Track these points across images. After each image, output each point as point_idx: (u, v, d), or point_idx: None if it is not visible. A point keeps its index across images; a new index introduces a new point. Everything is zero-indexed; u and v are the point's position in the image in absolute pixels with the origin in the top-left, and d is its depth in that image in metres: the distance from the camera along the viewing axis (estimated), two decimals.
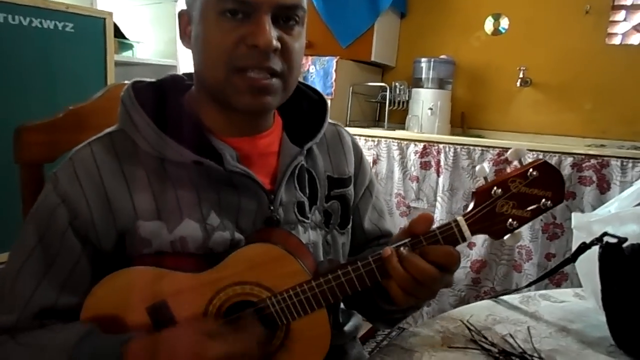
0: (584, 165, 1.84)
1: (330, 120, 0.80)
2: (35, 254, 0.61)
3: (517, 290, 0.89)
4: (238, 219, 0.66)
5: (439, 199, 2.08)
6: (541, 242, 1.91)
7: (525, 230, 1.95)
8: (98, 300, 0.61)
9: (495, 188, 0.57)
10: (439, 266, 0.56)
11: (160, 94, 0.67)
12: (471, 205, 0.58)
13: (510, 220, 0.57)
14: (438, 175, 2.09)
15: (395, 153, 2.16)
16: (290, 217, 0.69)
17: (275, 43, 0.59)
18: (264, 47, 0.58)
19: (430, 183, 2.11)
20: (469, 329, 0.72)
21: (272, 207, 0.67)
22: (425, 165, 2.12)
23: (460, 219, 0.57)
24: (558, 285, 1.86)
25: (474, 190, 0.58)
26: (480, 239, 2.00)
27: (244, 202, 0.66)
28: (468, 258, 2.04)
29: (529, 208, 0.57)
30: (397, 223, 2.15)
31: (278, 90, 0.63)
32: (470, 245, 2.04)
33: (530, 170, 0.56)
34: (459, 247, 0.59)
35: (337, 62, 2.34)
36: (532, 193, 0.57)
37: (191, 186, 0.64)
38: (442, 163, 2.06)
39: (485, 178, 0.58)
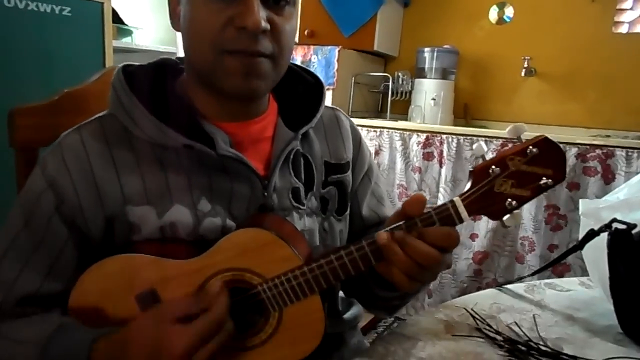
0: (588, 155, 1.82)
1: (328, 105, 0.78)
2: (20, 239, 0.60)
3: (521, 278, 0.87)
4: (231, 205, 0.64)
5: (441, 190, 2.06)
6: (544, 233, 1.89)
7: (528, 221, 1.94)
8: (86, 289, 0.60)
9: (493, 166, 0.54)
10: (439, 248, 0.54)
11: (151, 78, 0.66)
12: (468, 185, 0.55)
13: (509, 199, 0.55)
14: (441, 166, 2.07)
15: (398, 144, 2.14)
16: (284, 203, 0.67)
17: (264, 24, 0.57)
18: (252, 28, 0.57)
19: (433, 174, 2.09)
20: (473, 317, 0.71)
21: (266, 193, 0.65)
22: (427, 156, 2.10)
23: (456, 199, 0.55)
24: (561, 276, 1.84)
25: (470, 169, 0.56)
26: (482, 230, 1.99)
27: (236, 188, 0.64)
28: (470, 249, 2.03)
29: (529, 186, 0.54)
30: None
31: (268, 72, 0.61)
32: (473, 237, 2.02)
33: (530, 147, 0.53)
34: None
35: (339, 51, 2.31)
36: (531, 171, 0.54)
37: (182, 171, 0.62)
38: (444, 154, 2.04)
39: (482, 157, 0.56)
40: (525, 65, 2.28)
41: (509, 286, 0.84)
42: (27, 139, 0.81)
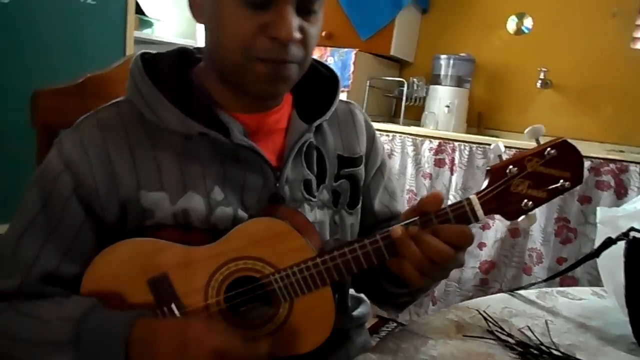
0: (602, 169, 1.80)
1: (343, 99, 0.78)
2: (38, 219, 0.61)
3: (533, 284, 0.87)
4: (243, 195, 0.65)
5: (451, 197, 2.05)
6: (553, 246, 1.88)
7: (537, 232, 1.93)
8: (99, 271, 0.60)
9: (510, 166, 0.55)
10: (452, 245, 0.55)
11: (169, 66, 0.67)
12: (485, 184, 0.56)
13: (525, 200, 0.55)
14: (452, 174, 2.06)
15: (410, 149, 2.14)
16: (296, 195, 0.68)
17: (297, 35, 0.58)
18: (285, 39, 0.57)
19: (444, 181, 2.08)
20: (485, 319, 0.70)
21: (278, 184, 0.66)
22: (439, 163, 2.09)
23: (473, 197, 0.55)
24: None
25: (488, 167, 0.56)
26: (490, 239, 1.98)
27: (249, 178, 0.65)
28: (477, 258, 2.02)
29: (545, 188, 0.55)
30: None
31: (294, 76, 0.63)
32: (480, 246, 2.01)
33: (548, 149, 0.54)
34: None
35: (355, 54, 2.32)
36: (549, 173, 0.55)
37: (196, 159, 0.63)
38: (456, 161, 2.04)
39: (499, 156, 0.56)
40: (542, 76, 2.27)
41: (520, 292, 0.83)
42: (48, 120, 0.82)
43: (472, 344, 0.65)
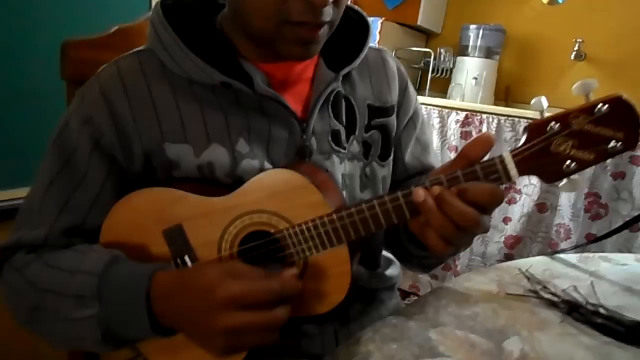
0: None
1: (374, 45, 0.74)
2: (63, 173, 0.60)
3: (576, 247, 0.84)
4: (269, 148, 0.62)
5: None
6: (582, 221, 1.83)
7: (565, 208, 1.88)
8: (116, 220, 0.60)
9: (552, 123, 0.49)
10: (478, 206, 0.50)
11: (190, 14, 0.65)
12: (522, 140, 0.50)
13: (568, 161, 0.50)
14: None
15: (435, 121, 2.09)
16: (324, 146, 0.65)
17: None
18: (320, 4, 0.54)
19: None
20: (527, 278, 0.68)
21: (304, 136, 0.63)
22: (465, 135, 2.04)
23: (506, 154, 0.50)
24: None
25: (527, 124, 0.51)
26: (516, 214, 1.94)
27: (274, 130, 0.62)
28: (502, 233, 1.98)
29: (594, 149, 0.49)
30: None
31: (326, 34, 0.60)
32: (506, 220, 1.97)
33: (600, 105, 0.48)
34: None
35: (381, 23, 2.26)
36: (598, 132, 0.49)
37: (219, 109, 0.61)
38: None
39: (541, 112, 0.51)
40: (576, 48, 2.18)
41: (561, 255, 0.81)
42: (78, 72, 0.80)
43: (515, 302, 0.63)
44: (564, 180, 0.51)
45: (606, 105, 0.48)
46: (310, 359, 0.67)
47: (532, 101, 0.51)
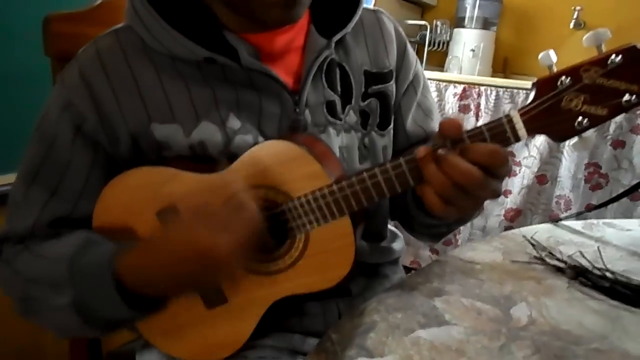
0: (637, 112, 1.72)
1: (369, 6, 0.70)
2: (46, 162, 0.58)
3: (578, 214, 0.83)
4: (261, 123, 0.60)
5: None
6: (582, 192, 1.83)
7: (565, 179, 1.87)
8: (108, 203, 0.57)
9: (562, 77, 0.46)
10: (483, 167, 0.47)
11: None
12: (530, 97, 0.48)
13: (580, 118, 0.46)
14: (477, 119, 1.99)
15: (433, 95, 2.05)
16: (319, 119, 0.62)
17: None
18: None
19: (469, 127, 2.01)
20: (532, 245, 0.67)
21: (297, 109, 0.60)
22: (464, 109, 2.02)
23: (514, 113, 0.47)
24: None
25: (535, 81, 0.48)
26: (516, 186, 1.93)
27: (265, 104, 0.59)
28: (502, 206, 1.97)
29: (606, 104, 0.46)
30: None
31: None
32: (505, 193, 1.96)
33: (613, 56, 0.45)
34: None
35: None
36: (611, 86, 0.45)
37: (206, 86, 0.58)
38: (482, 106, 1.96)
39: (550, 67, 0.47)
40: (575, 16, 2.14)
41: (565, 222, 0.79)
42: (62, 48, 0.77)
43: (521, 269, 0.61)
44: (575, 139, 0.49)
45: (620, 56, 0.45)
46: (313, 337, 0.66)
47: (540, 55, 0.48)
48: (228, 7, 0.57)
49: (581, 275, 0.59)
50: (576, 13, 2.14)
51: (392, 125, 0.70)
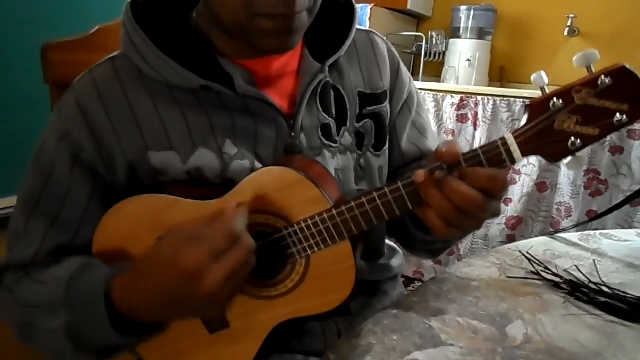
0: None
1: (361, 27, 0.70)
2: (46, 192, 0.58)
3: (575, 226, 0.83)
4: (256, 148, 0.60)
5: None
6: (582, 199, 1.83)
7: (565, 185, 1.87)
8: (108, 231, 0.58)
9: (554, 99, 0.47)
10: (482, 191, 0.48)
11: (163, 12, 0.61)
12: (523, 120, 0.49)
13: (572, 139, 0.48)
14: (475, 129, 2.00)
15: (431, 105, 2.07)
16: (314, 142, 0.62)
17: None
18: None
19: (467, 137, 2.02)
20: (529, 259, 0.67)
21: (293, 134, 0.61)
22: (461, 118, 2.03)
23: (508, 136, 0.49)
24: None
25: (527, 102, 0.49)
26: (517, 194, 1.93)
27: (261, 129, 0.60)
28: (503, 214, 1.97)
29: (598, 124, 0.47)
30: None
31: (304, 25, 0.56)
32: (506, 201, 1.96)
33: (602, 77, 0.46)
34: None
35: (371, 9, 2.23)
36: (602, 106, 0.47)
37: (202, 112, 0.58)
38: (479, 116, 1.97)
39: (542, 89, 0.49)
40: (569, 24, 2.16)
41: (561, 235, 0.80)
42: (60, 75, 0.79)
43: (517, 285, 0.62)
44: (569, 158, 0.50)
45: (609, 77, 0.46)
46: (314, 356, 0.66)
47: (533, 77, 0.49)
48: (226, 33, 0.58)
49: (577, 290, 0.59)
50: (570, 20, 2.16)
51: (387, 146, 0.71)
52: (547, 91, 0.49)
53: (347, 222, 0.53)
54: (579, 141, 0.48)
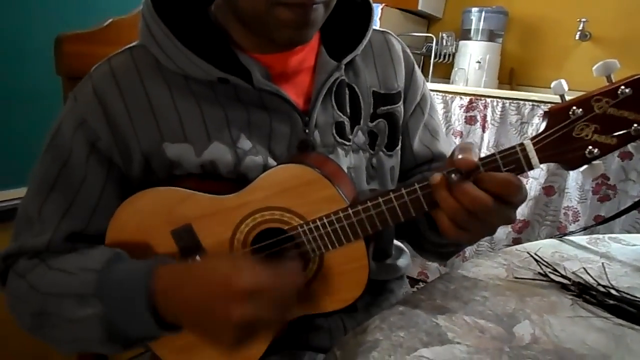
0: None
1: (377, 28, 0.71)
2: (60, 179, 0.58)
3: (584, 229, 0.82)
4: (271, 143, 0.60)
5: (482, 155, 1.99)
6: (590, 204, 1.81)
7: (573, 190, 1.86)
8: (122, 222, 0.58)
9: (574, 108, 0.48)
10: (495, 196, 0.48)
11: (182, 4, 0.62)
12: (542, 127, 0.49)
13: (590, 147, 0.48)
14: (483, 131, 1.99)
15: (439, 107, 2.06)
16: (327, 140, 0.63)
17: None
18: None
19: (475, 139, 2.01)
20: (536, 261, 0.67)
21: (307, 130, 0.61)
22: (470, 120, 2.02)
23: (527, 142, 0.49)
24: None
25: (547, 109, 0.50)
26: None
27: (275, 124, 0.60)
28: None
29: (616, 134, 0.48)
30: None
31: (321, 18, 0.57)
32: None
33: (622, 87, 0.46)
34: None
35: (382, 9, 2.23)
36: (621, 115, 0.47)
37: (218, 106, 0.59)
38: (488, 118, 1.96)
39: (562, 96, 0.49)
40: (580, 28, 2.14)
41: (570, 237, 0.79)
42: (74, 67, 0.79)
43: (525, 286, 0.61)
44: (585, 166, 0.50)
45: (629, 88, 0.46)
46: (320, 352, 0.66)
47: (553, 84, 0.50)
48: (244, 26, 0.59)
49: (585, 293, 0.59)
50: (581, 24, 2.14)
51: (399, 146, 0.71)
52: (567, 99, 0.49)
53: (363, 222, 0.53)
54: (596, 150, 0.49)
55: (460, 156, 0.49)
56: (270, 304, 0.47)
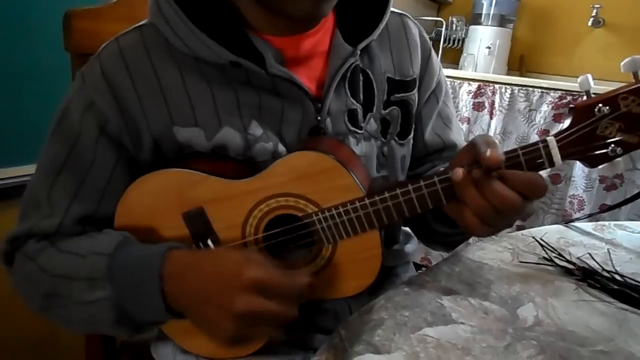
0: None
1: (395, 9, 0.68)
2: (69, 161, 0.57)
3: (589, 216, 0.82)
4: (281, 129, 0.59)
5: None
6: (596, 192, 1.81)
7: (579, 178, 1.85)
8: (131, 204, 0.58)
9: (600, 105, 0.47)
10: (519, 194, 0.48)
11: None
12: (567, 123, 0.49)
13: (613, 145, 0.48)
14: (491, 118, 1.98)
15: None
16: (339, 127, 0.61)
17: None
18: None
19: (482, 125, 2.00)
20: (542, 245, 0.67)
21: (319, 117, 0.60)
22: (478, 107, 2.00)
23: (550, 139, 0.48)
24: None
25: (572, 105, 0.49)
26: None
27: (287, 110, 0.59)
28: None
29: (639, 132, 0.47)
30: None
31: None
32: None
33: None
34: None
35: None
36: None
37: (229, 90, 0.57)
38: (496, 104, 1.94)
39: (587, 92, 0.48)
40: (593, 14, 2.11)
41: (575, 224, 0.79)
42: (82, 43, 0.79)
43: (529, 270, 0.62)
44: (606, 164, 0.50)
45: None
46: (325, 334, 0.67)
47: (579, 79, 0.49)
48: (258, 4, 0.56)
49: (589, 277, 0.59)
50: (595, 11, 2.11)
51: (412, 135, 0.69)
52: (592, 95, 0.48)
53: (379, 212, 0.53)
54: (619, 148, 0.48)
55: (487, 152, 0.48)
56: (274, 300, 0.47)
